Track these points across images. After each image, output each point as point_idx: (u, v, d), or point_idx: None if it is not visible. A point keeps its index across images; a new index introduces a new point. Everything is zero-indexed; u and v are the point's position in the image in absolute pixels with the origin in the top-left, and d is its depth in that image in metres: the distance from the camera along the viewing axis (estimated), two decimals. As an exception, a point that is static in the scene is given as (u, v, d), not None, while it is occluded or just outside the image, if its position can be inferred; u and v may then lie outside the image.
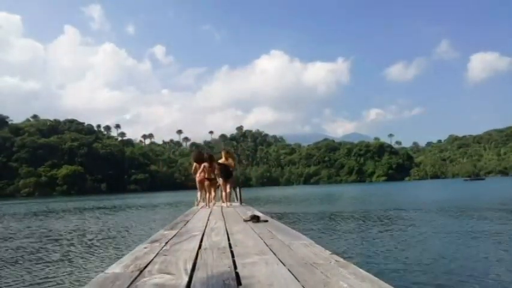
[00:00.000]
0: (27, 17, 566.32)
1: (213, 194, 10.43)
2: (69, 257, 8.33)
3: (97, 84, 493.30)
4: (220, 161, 10.51)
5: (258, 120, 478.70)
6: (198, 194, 10.93)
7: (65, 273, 6.74)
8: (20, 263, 7.84)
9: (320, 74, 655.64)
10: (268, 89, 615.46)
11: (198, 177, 10.50)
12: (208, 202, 10.24)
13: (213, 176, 10.27)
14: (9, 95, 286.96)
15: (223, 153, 10.73)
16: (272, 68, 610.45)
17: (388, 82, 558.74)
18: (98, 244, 10.13)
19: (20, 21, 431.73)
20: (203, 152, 11.56)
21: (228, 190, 10.32)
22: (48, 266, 7.38)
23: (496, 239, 8.98)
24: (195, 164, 10.95)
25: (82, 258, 8.20)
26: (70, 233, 13.19)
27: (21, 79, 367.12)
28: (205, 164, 10.26)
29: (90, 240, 11.06)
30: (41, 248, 9.86)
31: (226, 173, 10.26)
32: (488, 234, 9.68)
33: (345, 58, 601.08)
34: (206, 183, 10.29)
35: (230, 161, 10.67)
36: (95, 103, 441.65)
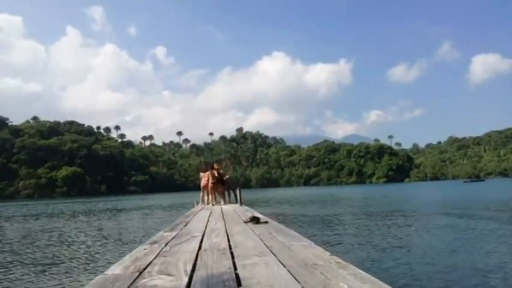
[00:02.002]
0: (29, 18, 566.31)
1: (216, 194, 12.93)
2: (70, 258, 8.32)
3: (98, 86, 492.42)
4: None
5: (259, 121, 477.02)
6: (205, 197, 13.36)
7: (66, 274, 6.73)
8: (21, 264, 7.83)
9: (322, 75, 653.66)
10: (270, 91, 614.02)
11: (202, 183, 13.31)
12: (212, 201, 12.74)
13: (215, 181, 12.79)
14: (11, 96, 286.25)
15: (215, 165, 13.83)
16: (274, 70, 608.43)
17: (389, 83, 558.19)
18: (98, 245, 10.12)
19: (21, 22, 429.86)
20: (206, 164, 16.07)
21: (222, 192, 13.49)
22: (48, 267, 7.37)
23: (496, 240, 8.97)
24: (201, 174, 13.89)
25: (82, 259, 8.19)
26: (71, 234, 13.18)
27: (22, 81, 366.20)
28: (209, 171, 12.94)
29: (90, 241, 11.04)
30: (42, 249, 9.85)
31: (220, 179, 13.22)
32: (488, 235, 9.67)
33: (347, 59, 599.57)
34: (210, 185, 12.79)
35: (220, 170, 13.85)
36: (96, 105, 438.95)
